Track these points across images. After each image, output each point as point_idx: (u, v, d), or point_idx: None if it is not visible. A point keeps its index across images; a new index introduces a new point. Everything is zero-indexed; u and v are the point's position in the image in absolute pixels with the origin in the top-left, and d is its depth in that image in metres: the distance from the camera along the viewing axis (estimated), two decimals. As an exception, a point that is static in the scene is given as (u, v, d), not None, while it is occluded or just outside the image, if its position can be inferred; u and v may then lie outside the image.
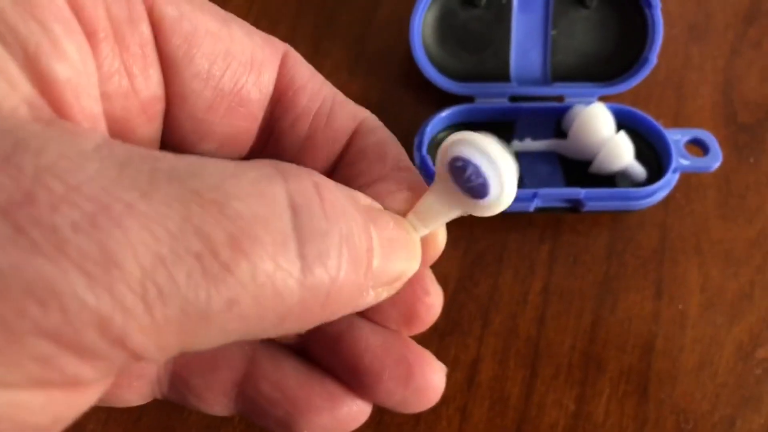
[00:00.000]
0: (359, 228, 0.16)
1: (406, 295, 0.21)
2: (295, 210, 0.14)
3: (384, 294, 0.18)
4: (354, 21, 0.45)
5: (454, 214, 0.19)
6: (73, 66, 0.15)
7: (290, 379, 0.21)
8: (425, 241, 0.19)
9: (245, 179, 0.14)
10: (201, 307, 0.13)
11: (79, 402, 0.14)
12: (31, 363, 0.12)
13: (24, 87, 0.14)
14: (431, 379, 0.20)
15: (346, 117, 0.20)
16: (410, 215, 0.19)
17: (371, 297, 0.17)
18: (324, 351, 0.21)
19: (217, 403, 0.21)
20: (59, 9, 0.15)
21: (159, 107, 0.19)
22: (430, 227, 0.19)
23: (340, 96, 0.21)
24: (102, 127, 0.16)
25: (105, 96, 0.17)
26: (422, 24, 0.39)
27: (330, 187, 0.16)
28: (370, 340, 0.21)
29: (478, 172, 0.17)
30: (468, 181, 0.18)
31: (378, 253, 0.17)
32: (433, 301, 0.21)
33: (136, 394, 0.21)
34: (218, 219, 0.13)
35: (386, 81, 0.43)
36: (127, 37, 0.17)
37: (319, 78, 0.21)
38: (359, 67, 0.43)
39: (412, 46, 0.39)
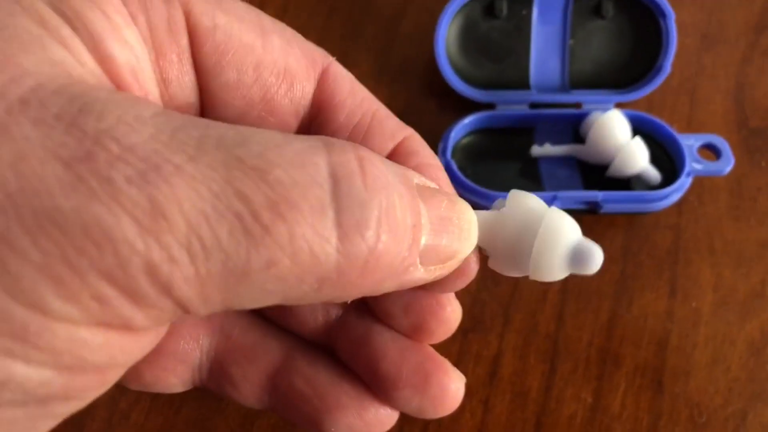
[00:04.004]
0: (404, 202, 0.16)
1: (420, 305, 0.21)
2: (335, 179, 0.14)
3: (437, 272, 0.18)
4: (380, 33, 0.46)
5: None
6: (133, 52, 0.16)
7: (322, 377, 0.21)
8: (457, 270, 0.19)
9: (289, 149, 0.14)
10: (241, 265, 0.13)
11: (133, 348, 0.15)
12: (91, 301, 0.13)
13: (90, 63, 0.15)
14: (448, 388, 0.20)
15: (384, 136, 0.20)
16: None
17: (421, 273, 0.17)
18: (347, 354, 0.22)
19: (252, 394, 0.21)
20: (119, 3, 0.16)
21: (193, 114, 0.19)
22: None
23: (381, 112, 0.21)
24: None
25: None
26: (446, 35, 0.40)
27: (374, 161, 0.16)
28: (388, 347, 0.21)
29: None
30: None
31: (428, 230, 0.17)
32: (448, 317, 0.21)
33: (179, 378, 0.21)
34: (258, 184, 0.14)
35: (411, 89, 0.44)
36: (165, 45, 0.17)
37: (360, 93, 0.20)
38: (385, 76, 0.44)
39: (437, 56, 0.40)
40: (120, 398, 0.33)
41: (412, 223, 0.16)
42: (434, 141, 0.38)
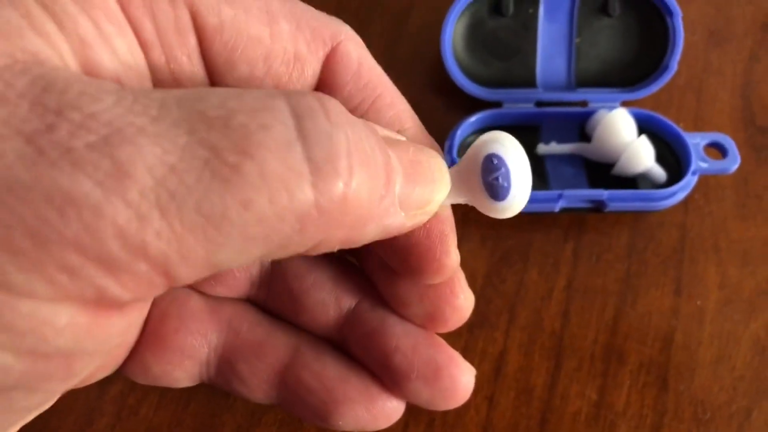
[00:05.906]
0: (371, 140, 0.15)
1: (435, 292, 0.21)
2: (297, 117, 0.14)
3: (418, 218, 0.18)
4: (386, 30, 0.46)
5: (461, 199, 0.19)
6: (122, 61, 0.16)
7: (330, 371, 0.21)
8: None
9: (248, 96, 0.14)
10: (216, 210, 0.13)
11: (101, 333, 0.14)
12: (58, 273, 0.12)
13: (72, 64, 0.15)
14: (459, 380, 0.21)
15: (382, 124, 0.20)
16: None
17: (402, 217, 0.17)
18: (358, 347, 0.22)
19: (260, 389, 0.22)
20: (112, 12, 0.16)
21: None
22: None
23: (383, 100, 0.20)
24: None
25: None
26: (452, 33, 0.40)
27: (335, 102, 0.15)
28: (401, 340, 0.21)
29: (507, 177, 0.18)
30: (494, 179, 0.18)
31: (401, 173, 0.17)
32: (462, 304, 0.21)
33: (186, 373, 0.22)
34: (223, 131, 0.13)
35: (417, 87, 0.44)
36: (174, 46, 0.17)
37: (366, 77, 0.20)
38: (391, 73, 0.43)
39: (443, 54, 0.40)
40: (129, 394, 0.33)
41: (383, 161, 0.16)
42: (441, 139, 0.38)
